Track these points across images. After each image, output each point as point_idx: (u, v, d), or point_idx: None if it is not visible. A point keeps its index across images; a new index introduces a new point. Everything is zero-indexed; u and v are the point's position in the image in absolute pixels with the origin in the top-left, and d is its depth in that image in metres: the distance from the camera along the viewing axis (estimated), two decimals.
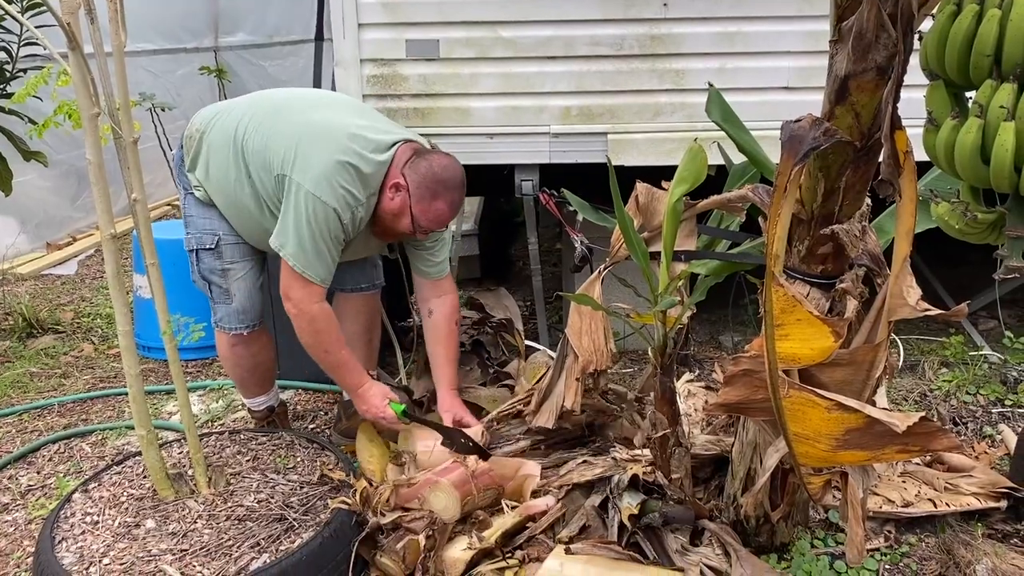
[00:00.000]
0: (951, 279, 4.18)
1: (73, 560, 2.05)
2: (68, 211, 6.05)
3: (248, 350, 2.74)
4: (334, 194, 2.33)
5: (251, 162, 2.44)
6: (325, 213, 2.34)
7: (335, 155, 2.34)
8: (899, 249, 1.67)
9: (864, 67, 1.58)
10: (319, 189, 2.32)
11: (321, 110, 2.50)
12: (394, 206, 2.45)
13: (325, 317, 2.49)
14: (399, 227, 2.50)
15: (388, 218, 2.48)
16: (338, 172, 2.33)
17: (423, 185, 2.42)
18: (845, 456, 1.77)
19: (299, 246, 2.36)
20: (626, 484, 2.27)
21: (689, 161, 2.11)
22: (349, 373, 2.60)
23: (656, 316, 2.17)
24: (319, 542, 2.08)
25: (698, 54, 3.26)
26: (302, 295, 2.42)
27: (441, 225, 2.55)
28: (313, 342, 2.51)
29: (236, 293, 2.63)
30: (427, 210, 2.45)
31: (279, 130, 2.42)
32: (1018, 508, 2.43)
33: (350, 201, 2.37)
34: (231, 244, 2.61)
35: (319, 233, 2.35)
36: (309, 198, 2.33)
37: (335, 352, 2.54)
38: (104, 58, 1.97)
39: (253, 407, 2.93)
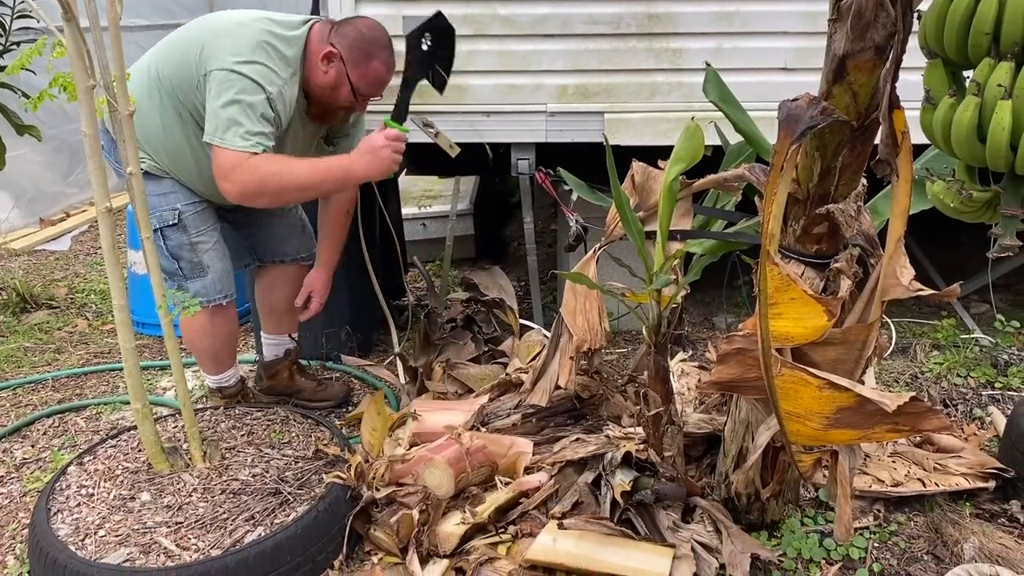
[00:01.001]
0: (944, 262, 4.20)
1: (69, 532, 2.07)
2: (61, 187, 6.02)
3: (226, 319, 2.71)
4: (254, 69, 2.29)
5: (173, 91, 2.41)
6: (248, 86, 2.28)
7: (248, 37, 2.32)
8: (894, 229, 1.68)
9: (862, 46, 1.58)
10: (237, 65, 2.28)
11: (226, 14, 2.47)
12: (329, 78, 2.42)
13: (262, 162, 2.30)
14: (338, 100, 2.46)
15: (325, 93, 2.45)
16: (254, 50, 2.31)
17: (355, 48, 2.39)
18: (835, 435, 1.79)
19: (223, 122, 2.28)
20: (619, 461, 2.28)
21: (686, 140, 2.12)
22: (331, 171, 2.45)
23: (651, 295, 2.18)
24: (313, 516, 2.09)
25: (696, 34, 3.25)
26: (236, 159, 2.27)
27: (380, 86, 2.50)
28: (274, 186, 2.33)
29: (210, 264, 2.59)
30: (365, 73, 2.42)
31: (186, 43, 2.40)
32: (1006, 489, 2.46)
33: (274, 79, 2.32)
34: (192, 215, 2.56)
35: (245, 108, 2.28)
36: (229, 76, 2.28)
37: (299, 172, 2.36)
38: (99, 30, 1.96)
39: (224, 383, 2.86)
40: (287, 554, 2.01)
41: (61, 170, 5.98)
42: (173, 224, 2.53)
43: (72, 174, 6.04)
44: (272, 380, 3.04)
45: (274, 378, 3.03)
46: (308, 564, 2.06)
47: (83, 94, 1.92)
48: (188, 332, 2.72)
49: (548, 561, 2.09)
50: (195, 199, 2.57)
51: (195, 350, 2.80)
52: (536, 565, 2.10)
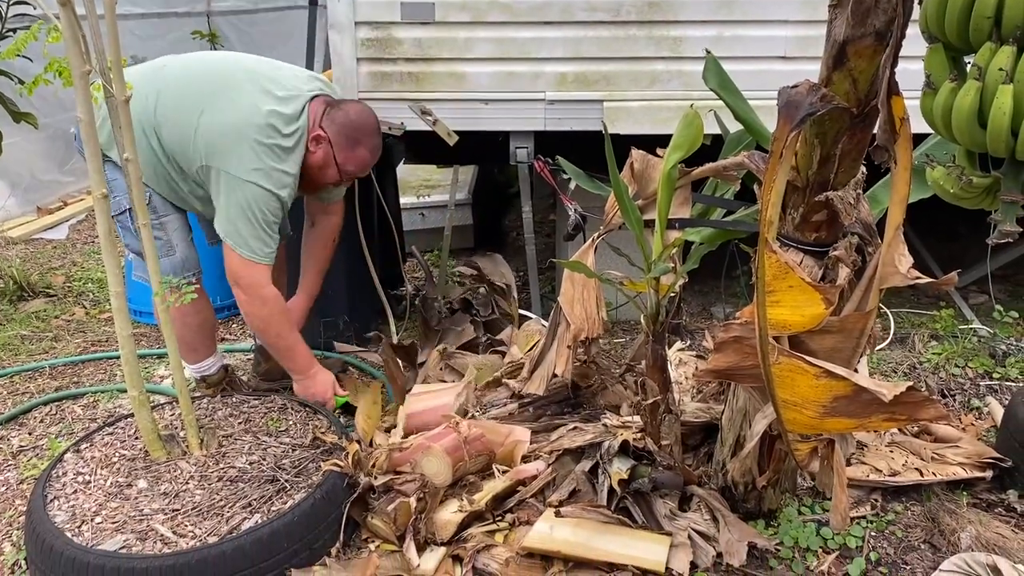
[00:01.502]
0: (942, 253, 4.20)
1: (65, 519, 2.06)
2: (56, 175, 6.00)
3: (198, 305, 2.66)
4: (268, 177, 2.40)
5: (168, 148, 2.48)
6: (263, 196, 2.41)
7: (258, 139, 2.39)
8: (892, 217, 1.67)
9: (863, 32, 1.57)
10: (252, 175, 2.39)
11: (226, 101, 2.45)
12: (317, 159, 2.52)
13: (275, 300, 2.55)
14: (326, 178, 2.59)
15: (314, 172, 2.55)
16: (264, 156, 2.40)
17: (343, 134, 2.51)
18: (832, 423, 1.79)
19: (239, 231, 2.43)
20: (616, 450, 2.29)
21: (685, 127, 2.10)
22: (300, 357, 2.69)
23: (649, 283, 2.17)
24: (311, 503, 2.09)
25: (696, 21, 3.23)
26: (251, 280, 2.49)
27: (365, 170, 2.65)
28: (264, 327, 2.58)
29: (177, 243, 2.63)
30: (351, 157, 2.55)
31: (191, 126, 2.43)
32: (1003, 478, 2.46)
33: (285, 180, 2.45)
34: (160, 195, 2.59)
35: (260, 217, 2.43)
36: (243, 185, 2.39)
37: (286, 336, 2.62)
38: (95, 16, 1.95)
39: (207, 371, 2.87)
40: (284, 541, 2.01)
41: (56, 159, 5.97)
42: (122, 212, 2.54)
43: (68, 163, 6.02)
44: (268, 363, 3.05)
45: (270, 361, 3.03)
46: (305, 551, 2.06)
47: (78, 79, 1.91)
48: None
49: (545, 549, 2.09)
50: (149, 187, 2.55)
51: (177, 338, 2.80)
52: (533, 553, 2.10)
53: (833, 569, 2.16)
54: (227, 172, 2.40)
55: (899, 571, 2.15)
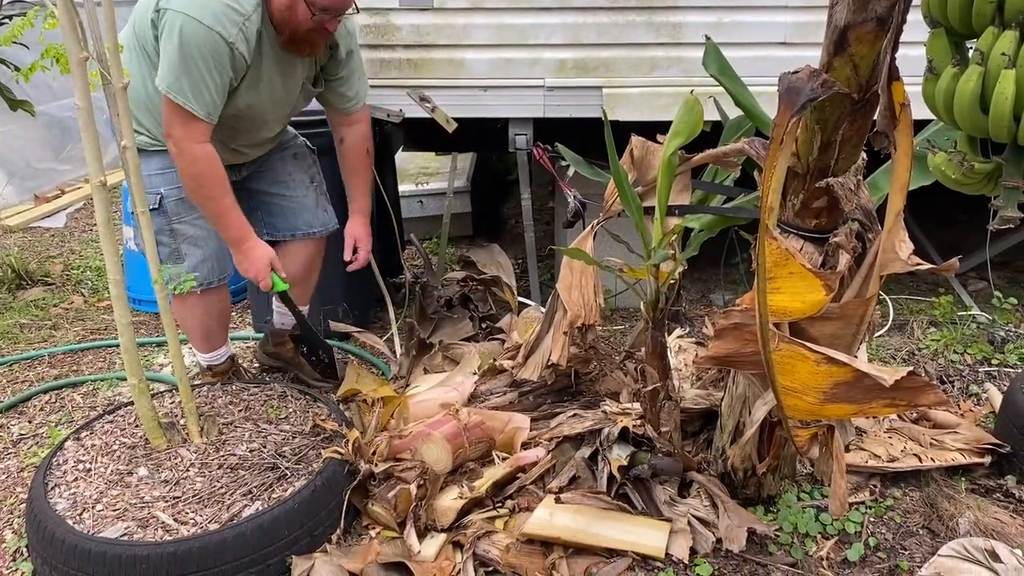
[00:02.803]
0: (942, 240, 4.20)
1: (66, 506, 2.07)
2: (52, 163, 5.97)
3: (218, 299, 2.70)
4: (211, 12, 2.21)
5: (140, 35, 2.36)
6: (205, 36, 2.22)
7: None
8: (893, 203, 1.67)
9: (864, 17, 1.56)
10: (193, 9, 2.21)
11: None
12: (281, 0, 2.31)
13: (207, 159, 2.35)
14: (299, 21, 2.33)
15: (285, 16, 2.33)
16: None
17: None
18: (832, 409, 1.79)
19: (176, 74, 2.24)
20: (616, 437, 2.29)
21: (685, 114, 2.10)
22: (232, 224, 2.48)
23: (649, 270, 2.17)
24: (311, 490, 2.10)
25: (695, 7, 3.22)
26: (183, 132, 2.30)
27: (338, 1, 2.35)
28: (195, 186, 2.40)
29: (187, 253, 2.57)
30: None
31: None
32: (1001, 464, 2.47)
33: (234, 17, 2.24)
34: (175, 200, 2.52)
35: (197, 58, 2.23)
36: (184, 21, 2.21)
37: (218, 199, 2.42)
38: (92, 1, 1.93)
39: (215, 361, 2.86)
40: (284, 528, 2.01)
41: (51, 147, 5.94)
42: (154, 208, 2.49)
43: (63, 151, 5.99)
44: (278, 347, 3.04)
45: (280, 346, 3.02)
46: (306, 538, 2.07)
47: (75, 66, 1.89)
48: (176, 310, 2.70)
49: (545, 535, 2.10)
50: (179, 182, 2.49)
51: (184, 328, 2.79)
52: (533, 539, 2.11)
53: (832, 554, 2.17)
54: (172, 9, 2.23)
55: (898, 556, 2.16)
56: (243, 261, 2.53)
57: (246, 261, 2.53)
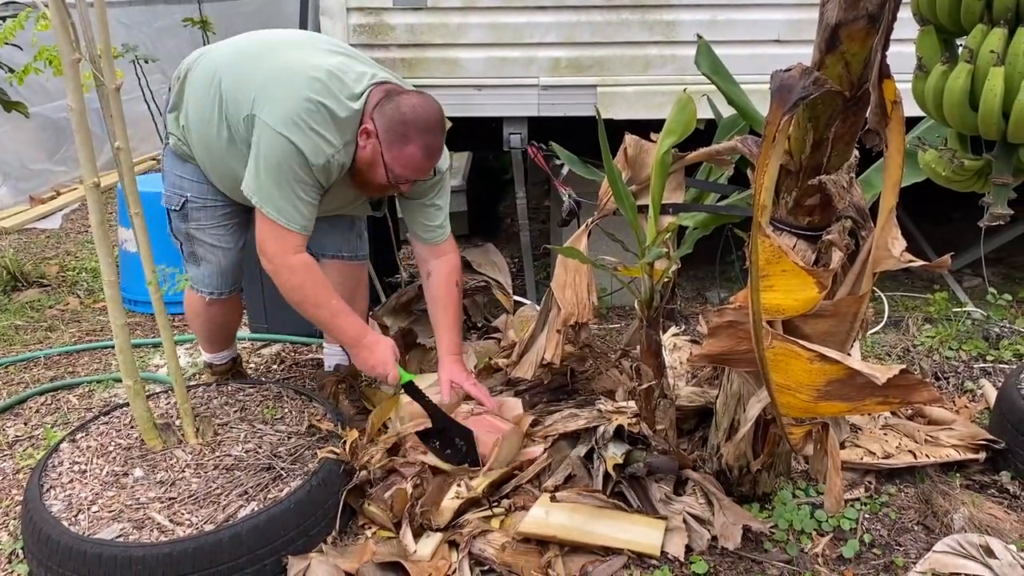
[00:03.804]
0: (936, 237, 4.21)
1: (62, 508, 2.07)
2: (47, 164, 5.97)
3: (223, 310, 2.70)
4: (302, 135, 2.16)
5: (226, 103, 2.28)
6: (292, 154, 2.17)
7: (304, 93, 2.17)
8: (885, 201, 1.67)
9: (855, 15, 1.57)
10: (286, 128, 2.15)
11: (297, 50, 2.32)
12: (366, 155, 2.27)
13: (305, 267, 2.30)
14: (375, 178, 2.32)
15: (364, 168, 2.31)
16: (307, 112, 2.16)
17: (391, 129, 2.22)
18: (826, 407, 1.80)
19: (267, 190, 2.21)
20: (611, 435, 2.29)
21: (678, 112, 2.10)
22: (348, 324, 2.41)
23: (643, 269, 2.17)
24: (307, 491, 2.10)
25: (689, 5, 3.22)
26: (277, 248, 2.26)
27: (418, 173, 2.32)
28: (300, 298, 2.34)
29: (203, 258, 2.55)
30: (398, 157, 2.24)
31: (252, 69, 2.27)
32: (996, 460, 2.48)
33: (323, 147, 2.19)
34: (197, 208, 2.49)
35: (288, 176, 2.19)
36: (275, 138, 2.16)
37: (326, 304, 2.35)
38: (84, 2, 1.93)
39: (216, 361, 2.87)
40: (280, 529, 2.02)
41: (46, 148, 5.94)
42: (176, 209, 2.51)
43: (57, 152, 5.99)
44: (320, 392, 2.83)
45: (321, 391, 2.83)
46: (302, 539, 2.07)
47: (68, 67, 1.89)
48: (188, 311, 2.75)
49: (541, 534, 2.10)
50: (207, 194, 2.49)
51: (192, 327, 2.81)
52: (529, 538, 2.11)
53: (827, 551, 2.17)
54: (264, 121, 2.16)
55: (893, 552, 2.17)
56: (368, 358, 2.43)
57: (371, 357, 2.42)
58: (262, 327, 3.52)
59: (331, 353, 2.99)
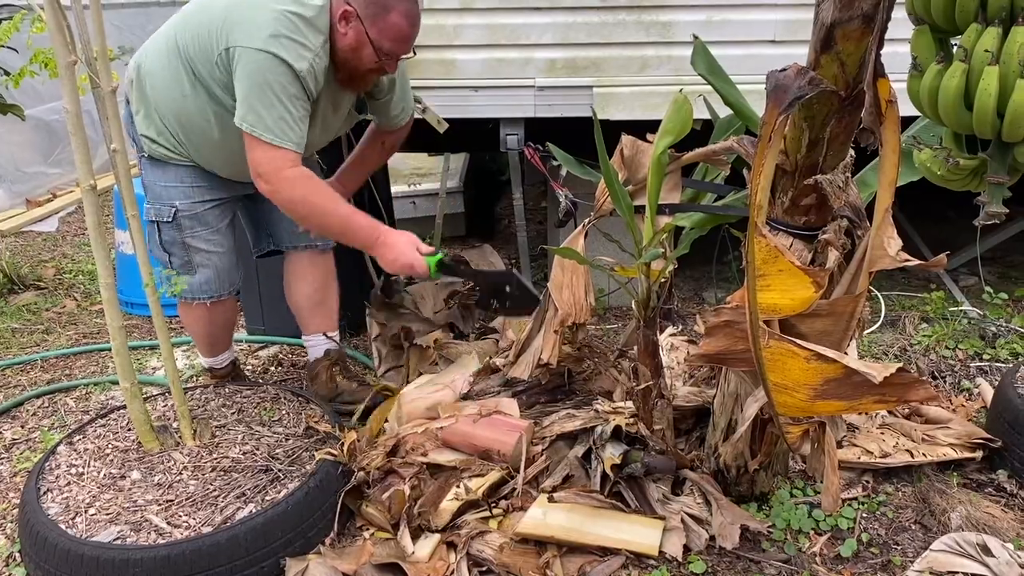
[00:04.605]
0: (932, 236, 4.21)
1: (59, 511, 2.06)
2: (42, 167, 5.96)
3: (223, 310, 2.70)
4: (282, 46, 2.16)
5: (194, 60, 2.29)
6: (277, 68, 2.17)
7: (269, 6, 2.18)
8: (881, 200, 1.67)
9: (850, 15, 1.57)
10: (265, 44, 2.16)
11: None
12: (350, 40, 2.26)
13: (305, 177, 2.27)
14: (363, 62, 2.30)
15: (349, 56, 2.30)
16: (280, 24, 2.17)
17: (371, 3, 2.22)
18: (823, 406, 1.80)
19: (257, 112, 2.19)
20: (609, 435, 2.29)
21: (674, 112, 2.10)
22: (361, 227, 2.37)
23: (640, 269, 2.17)
24: (304, 492, 2.10)
25: (685, 6, 3.23)
26: (271, 167, 2.23)
27: (404, 42, 2.30)
28: (307, 210, 2.30)
29: (199, 265, 2.55)
30: (384, 28, 2.24)
31: (209, 14, 2.27)
32: (993, 459, 2.48)
33: (303, 52, 2.19)
34: (188, 216, 2.49)
35: (280, 92, 2.18)
36: (256, 56, 2.16)
37: (334, 210, 2.31)
38: (80, 5, 1.93)
39: (217, 365, 2.86)
40: (278, 530, 2.01)
41: (40, 150, 5.92)
42: (168, 221, 2.49)
43: (51, 155, 5.98)
44: (315, 384, 2.90)
45: (315, 381, 2.89)
46: (299, 540, 2.07)
47: (64, 70, 1.89)
48: (183, 316, 2.74)
49: (539, 534, 2.10)
50: (195, 198, 2.49)
51: (191, 334, 2.81)
52: (527, 538, 2.11)
53: (825, 550, 2.17)
54: (242, 46, 2.17)
55: (890, 551, 2.17)
56: (388, 253, 2.36)
57: (391, 252, 2.36)
58: (259, 329, 3.52)
59: (315, 344, 2.98)
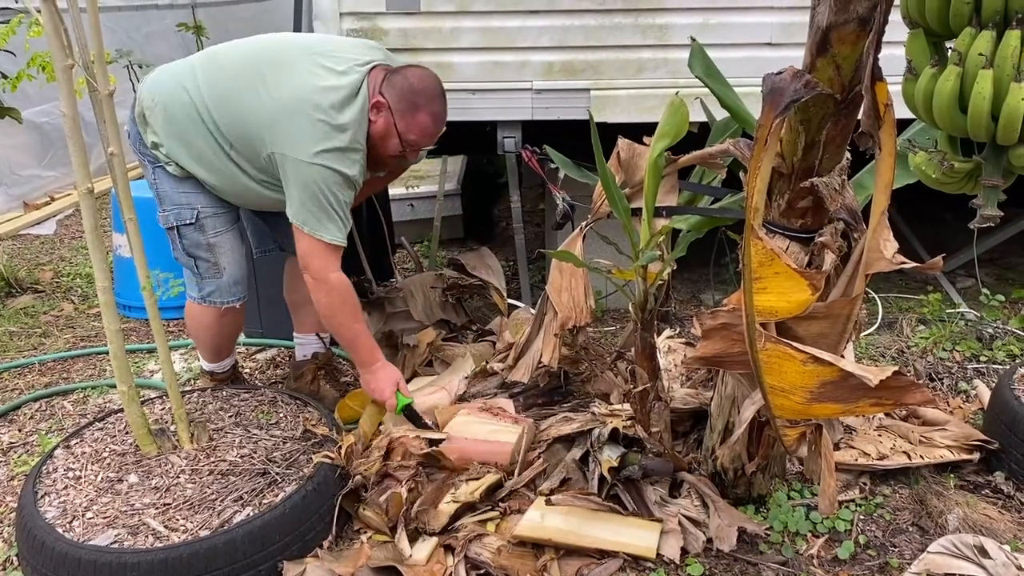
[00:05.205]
0: (929, 238, 4.22)
1: (56, 514, 2.06)
2: (37, 170, 5.95)
3: (234, 319, 2.70)
4: (329, 158, 2.29)
5: (229, 137, 2.39)
6: (332, 177, 2.30)
7: (317, 124, 2.28)
8: (877, 203, 1.68)
9: (846, 18, 1.58)
10: (318, 157, 2.28)
11: (278, 80, 2.36)
12: (379, 128, 2.39)
13: (344, 288, 2.44)
14: (388, 149, 2.44)
15: (376, 142, 2.42)
16: (326, 138, 2.29)
17: (403, 99, 2.36)
18: (819, 409, 1.80)
19: (314, 215, 2.32)
20: (606, 438, 2.30)
21: (670, 115, 2.11)
22: (363, 348, 2.54)
23: (637, 272, 2.18)
24: (302, 495, 2.10)
25: (682, 9, 3.23)
26: (320, 264, 2.38)
27: (428, 138, 2.47)
28: (329, 314, 2.46)
29: (226, 266, 2.57)
30: (411, 124, 2.39)
31: (246, 110, 2.35)
32: (990, 460, 2.49)
33: (353, 156, 2.34)
34: (211, 216, 2.52)
35: (332, 198, 2.32)
36: (310, 168, 2.28)
37: (350, 325, 2.49)
38: (77, 8, 1.93)
39: (218, 370, 2.86)
40: (276, 534, 2.01)
41: (34, 153, 5.91)
42: (190, 223, 2.50)
43: (45, 157, 5.97)
44: (297, 382, 2.96)
45: (299, 380, 2.95)
46: (297, 544, 2.07)
47: (61, 73, 1.89)
48: (193, 325, 2.72)
49: (536, 537, 2.10)
50: (215, 202, 2.53)
51: (196, 340, 2.79)
52: (524, 541, 2.11)
53: (822, 552, 2.18)
54: (292, 157, 2.30)
55: (887, 553, 2.17)
56: (371, 381, 2.54)
57: (374, 381, 2.54)
58: (257, 332, 3.52)
59: (304, 343, 3.01)
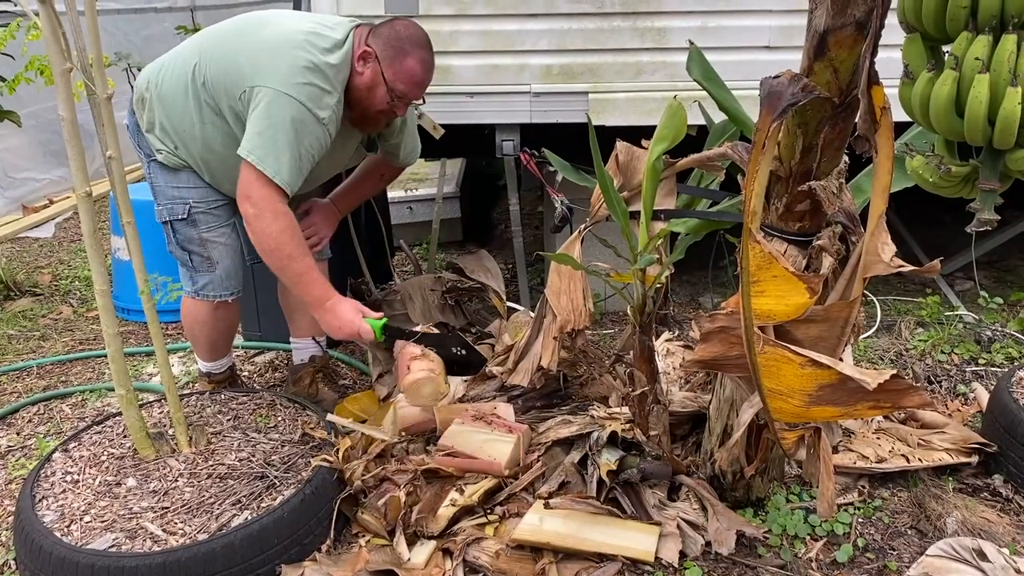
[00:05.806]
0: (928, 241, 4.22)
1: (54, 518, 2.06)
2: (33, 173, 5.95)
3: (228, 314, 2.69)
4: (303, 91, 2.24)
5: (216, 95, 2.35)
6: (295, 111, 2.24)
7: (298, 56, 2.26)
8: (875, 206, 1.68)
9: (843, 22, 1.58)
10: (287, 87, 2.23)
11: (270, 27, 2.38)
12: (365, 79, 2.35)
13: (289, 218, 2.32)
14: (375, 102, 2.38)
15: (363, 95, 2.37)
16: (304, 70, 2.25)
17: (389, 46, 2.33)
18: (818, 412, 1.80)
19: (266, 147, 2.24)
20: (605, 441, 2.30)
21: (668, 118, 2.11)
22: (313, 284, 2.39)
23: (636, 275, 2.18)
24: (300, 499, 2.09)
25: (680, 12, 3.23)
26: (263, 192, 2.27)
27: (417, 87, 2.40)
28: (275, 245, 2.31)
29: (219, 260, 2.56)
30: (400, 71, 2.34)
31: (235, 52, 2.33)
32: (989, 463, 2.48)
33: (326, 99, 2.28)
34: (203, 211, 2.52)
35: (295, 136, 2.25)
36: (280, 98, 2.23)
37: (300, 257, 2.35)
38: (75, 11, 1.93)
39: (215, 370, 2.84)
40: (274, 537, 2.01)
41: (32, 156, 5.91)
42: (183, 218, 2.51)
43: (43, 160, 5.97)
44: (295, 386, 2.93)
45: (297, 384, 2.93)
46: (295, 547, 2.07)
47: (59, 77, 1.89)
48: (188, 321, 2.71)
49: (535, 540, 2.10)
50: (208, 196, 2.52)
51: (192, 338, 2.78)
52: (523, 544, 2.11)
53: (821, 556, 2.17)
54: (267, 87, 2.24)
55: (886, 556, 2.17)
56: (333, 319, 2.41)
57: (335, 318, 2.41)
58: (255, 335, 3.52)
59: (300, 347, 3.00)
